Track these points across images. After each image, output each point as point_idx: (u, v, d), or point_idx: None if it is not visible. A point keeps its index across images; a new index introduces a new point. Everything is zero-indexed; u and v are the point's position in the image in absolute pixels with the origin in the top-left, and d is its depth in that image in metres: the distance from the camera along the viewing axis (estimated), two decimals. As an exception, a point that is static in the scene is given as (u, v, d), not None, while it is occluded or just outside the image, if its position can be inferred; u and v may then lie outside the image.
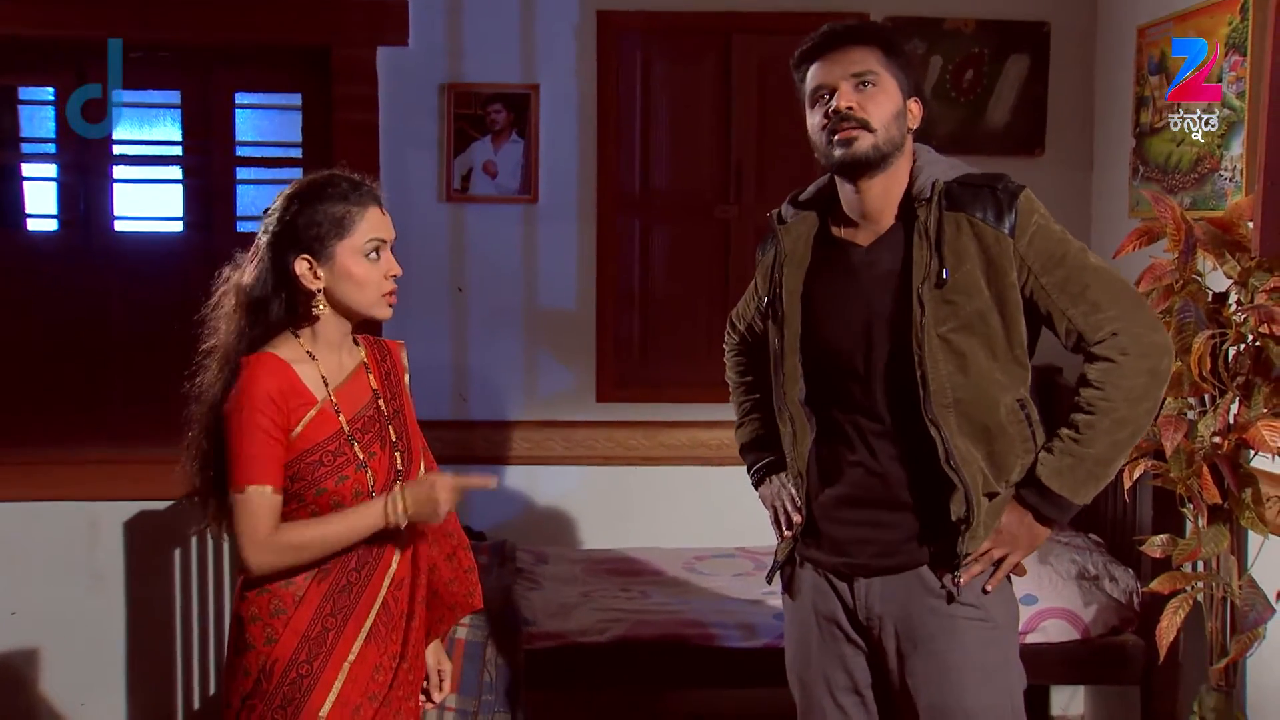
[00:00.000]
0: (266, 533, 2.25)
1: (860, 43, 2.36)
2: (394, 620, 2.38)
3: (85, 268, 4.59)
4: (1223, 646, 3.22)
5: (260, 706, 2.28)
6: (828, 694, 2.48)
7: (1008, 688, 2.39)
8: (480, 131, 4.47)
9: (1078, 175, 4.51)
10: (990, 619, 2.38)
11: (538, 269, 4.57)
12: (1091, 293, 2.30)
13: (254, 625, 2.30)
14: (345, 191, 2.32)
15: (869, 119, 2.33)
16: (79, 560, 4.43)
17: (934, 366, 2.30)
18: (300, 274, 2.30)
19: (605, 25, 4.47)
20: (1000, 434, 2.33)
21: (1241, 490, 3.11)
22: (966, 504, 2.31)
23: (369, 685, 2.33)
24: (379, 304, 2.34)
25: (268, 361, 2.28)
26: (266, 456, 2.24)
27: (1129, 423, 2.30)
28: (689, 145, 4.62)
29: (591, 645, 3.59)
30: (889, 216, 2.40)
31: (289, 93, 4.65)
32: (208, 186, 4.62)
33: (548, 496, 4.59)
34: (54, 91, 4.58)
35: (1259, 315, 2.97)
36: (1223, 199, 3.58)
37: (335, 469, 2.30)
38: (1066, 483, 2.31)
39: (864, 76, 2.34)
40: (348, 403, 2.36)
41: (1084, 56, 4.52)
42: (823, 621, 2.48)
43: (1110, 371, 2.29)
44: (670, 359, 4.67)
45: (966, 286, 2.30)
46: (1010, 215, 2.30)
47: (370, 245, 2.32)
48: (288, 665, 2.28)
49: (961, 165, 2.42)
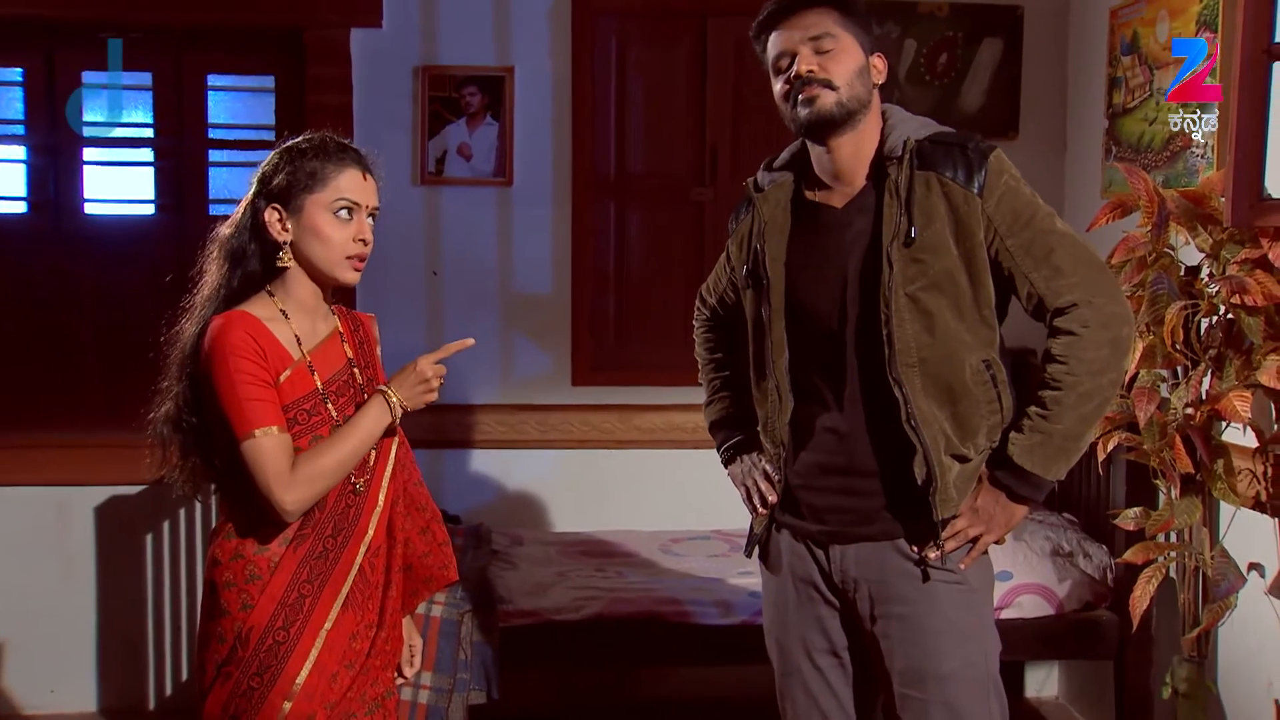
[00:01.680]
0: (288, 470, 2.23)
1: (815, 4, 2.35)
2: (370, 588, 2.36)
3: (55, 251, 4.54)
4: (1195, 617, 3.24)
5: (236, 674, 2.25)
6: (805, 656, 2.48)
7: (983, 651, 2.39)
8: (455, 114, 4.46)
9: (1052, 157, 4.53)
10: (965, 582, 2.38)
11: (513, 252, 4.55)
12: (1055, 257, 2.31)
13: (229, 591, 2.28)
14: (329, 150, 2.33)
15: (831, 78, 2.33)
16: (49, 546, 4.40)
17: (900, 325, 2.30)
18: (269, 222, 2.31)
19: (580, 8, 4.46)
20: (965, 394, 2.33)
21: (1214, 461, 3.14)
22: (927, 465, 2.31)
23: (346, 653, 2.31)
24: (342, 265, 2.33)
25: (242, 318, 2.27)
26: (264, 399, 2.23)
27: (1094, 395, 2.30)
28: (664, 128, 4.62)
29: (567, 623, 3.58)
30: (861, 177, 2.40)
31: (262, 75, 4.62)
32: (180, 169, 4.59)
33: (522, 480, 4.57)
34: (22, 73, 4.54)
35: (1230, 286, 2.99)
36: (1195, 176, 3.60)
37: (310, 428, 2.29)
38: (1038, 460, 2.31)
39: (821, 39, 2.33)
40: (323, 364, 2.35)
41: (1057, 39, 4.55)
42: (799, 584, 2.48)
43: (1073, 345, 2.29)
44: (645, 342, 4.66)
45: (935, 245, 2.30)
46: (980, 175, 2.30)
47: (340, 204, 2.31)
48: (264, 632, 2.25)
49: (932, 124, 2.42)
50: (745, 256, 2.52)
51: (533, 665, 3.65)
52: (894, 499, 2.37)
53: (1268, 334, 3.03)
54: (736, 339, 2.73)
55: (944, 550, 2.35)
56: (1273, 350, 3.02)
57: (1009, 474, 2.33)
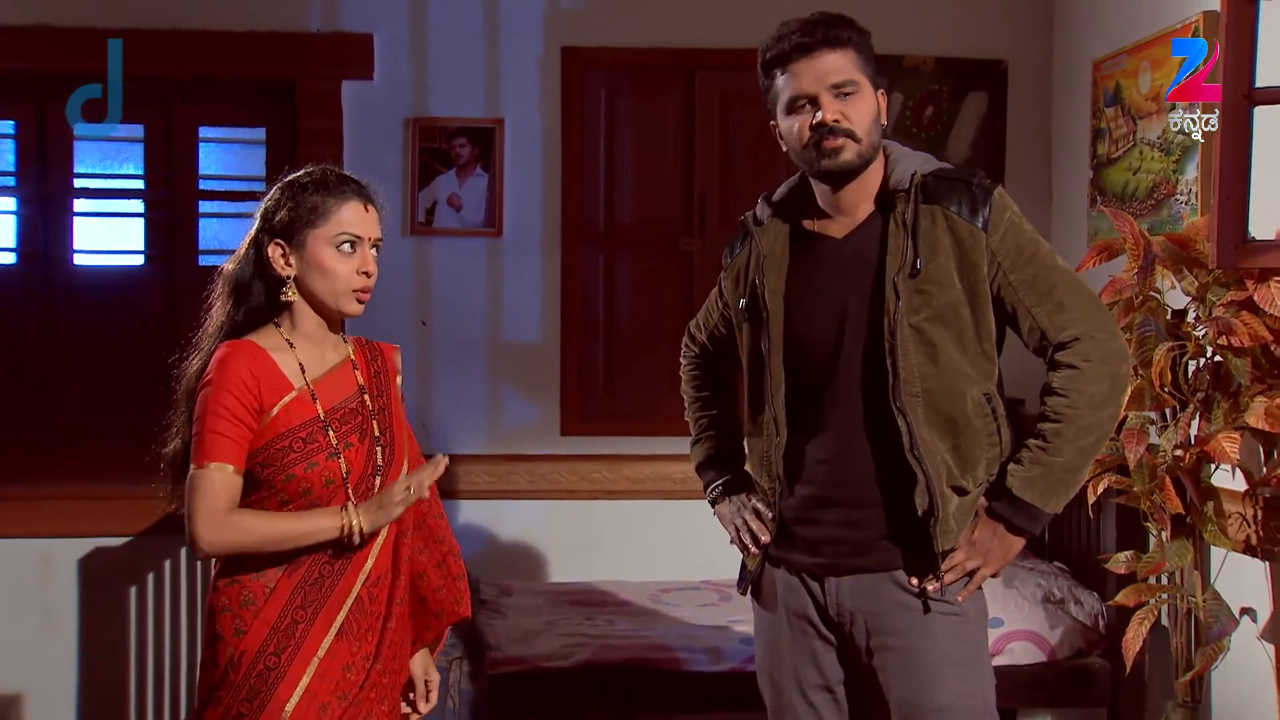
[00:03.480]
0: (223, 511, 2.23)
1: (834, 47, 2.35)
2: (370, 620, 2.34)
3: (43, 302, 4.54)
4: (1188, 661, 3.22)
5: (226, 699, 2.24)
6: (798, 691, 2.45)
7: (981, 683, 2.38)
8: (445, 165, 4.49)
9: (1038, 208, 4.56)
10: (962, 614, 2.37)
11: (502, 302, 4.57)
12: (1058, 293, 2.33)
13: (224, 616, 2.28)
14: (331, 184, 2.35)
15: (854, 129, 2.34)
16: (30, 598, 4.35)
17: (905, 355, 2.31)
18: (272, 258, 2.33)
19: (570, 61, 4.51)
20: (966, 427, 2.34)
21: (1204, 503, 3.13)
22: (929, 496, 2.31)
23: (340, 684, 2.28)
24: (346, 297, 2.34)
25: (244, 346, 2.29)
26: (232, 437, 2.24)
27: (1094, 429, 2.32)
28: (653, 179, 4.66)
29: (556, 670, 3.55)
30: (864, 209, 2.41)
31: (253, 127, 4.65)
32: (170, 220, 4.60)
33: (512, 530, 4.55)
34: (14, 125, 4.56)
35: (1217, 327, 3.00)
36: (1179, 223, 3.63)
37: (306, 455, 2.28)
38: (1037, 491, 2.31)
39: (844, 87, 2.34)
40: (327, 393, 2.35)
41: (1041, 92, 4.61)
42: (793, 618, 2.46)
43: (1074, 378, 2.30)
44: (635, 392, 4.66)
45: (939, 278, 2.32)
46: (984, 210, 2.32)
47: (342, 238, 2.32)
48: (255, 657, 2.24)
49: (934, 159, 2.45)
50: (743, 290, 2.52)
51: (521, 713, 3.60)
52: (893, 530, 2.36)
53: (1255, 375, 3.04)
54: (725, 376, 2.73)
55: (943, 583, 2.34)
56: (1260, 392, 3.03)
57: (1007, 506, 2.33)
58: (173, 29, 4.37)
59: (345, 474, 2.30)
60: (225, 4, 4.41)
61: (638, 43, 4.53)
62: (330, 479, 2.29)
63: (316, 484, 2.28)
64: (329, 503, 2.30)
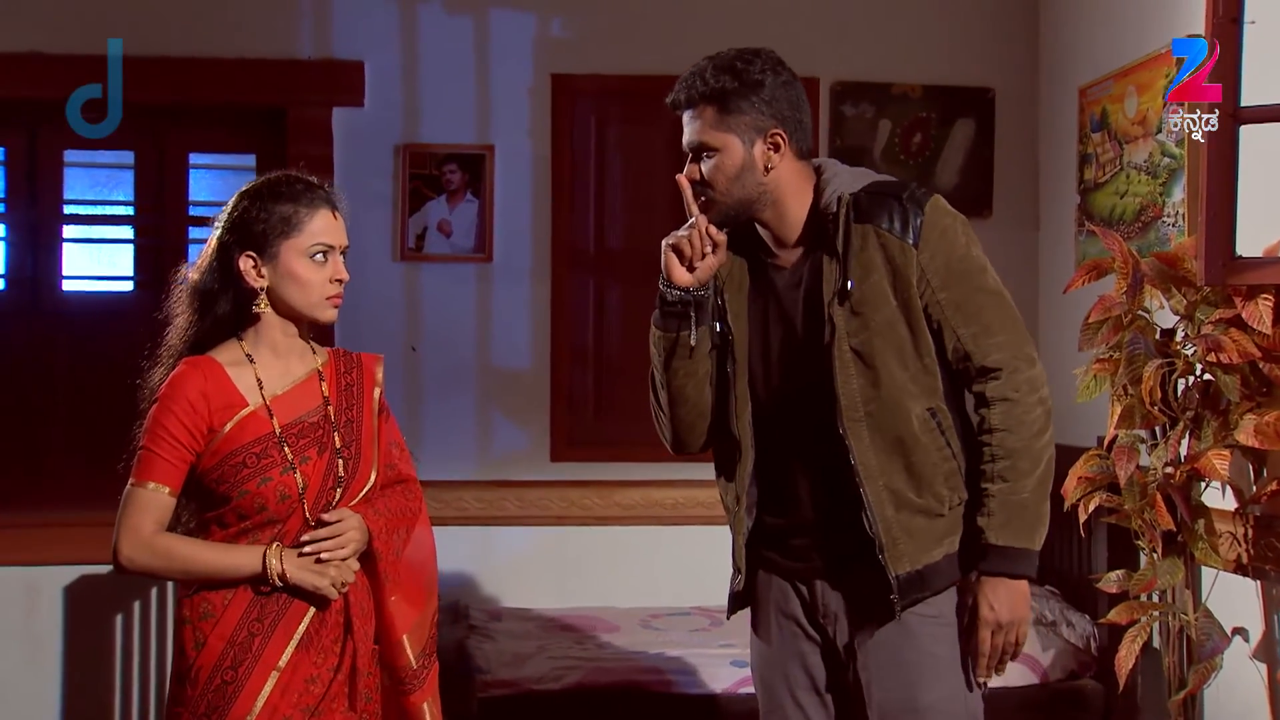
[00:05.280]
0: (149, 531, 2.24)
1: (691, 108, 2.37)
2: (333, 630, 2.31)
3: (31, 327, 4.53)
4: (1181, 679, 3.21)
5: (185, 714, 2.23)
6: (788, 693, 2.45)
7: (961, 683, 2.37)
8: (435, 191, 4.50)
9: (1025, 234, 4.60)
10: (941, 615, 2.36)
11: (492, 328, 4.57)
12: (985, 316, 2.33)
13: (185, 628, 2.27)
14: (298, 192, 2.34)
15: (712, 189, 2.35)
16: (15, 626, 4.30)
17: (845, 380, 2.31)
18: (244, 271, 2.31)
19: (560, 88, 4.54)
20: (915, 445, 2.33)
21: (1195, 521, 3.13)
22: (868, 521, 2.30)
23: (303, 696, 2.26)
24: (321, 306, 2.34)
25: (200, 363, 2.29)
26: (169, 459, 2.25)
27: (1042, 455, 2.32)
28: (642, 205, 4.67)
29: (547, 693, 3.53)
30: (799, 237, 2.40)
31: (244, 153, 4.67)
32: (160, 246, 4.60)
33: (501, 557, 4.53)
34: (3, 151, 4.56)
35: (1206, 344, 3.01)
36: (1167, 245, 3.65)
37: (259, 470, 2.27)
38: (1019, 533, 2.31)
39: (700, 150, 2.36)
40: (286, 407, 2.33)
41: (1028, 119, 4.64)
42: (782, 619, 2.46)
43: (1011, 412, 2.31)
44: (624, 418, 4.63)
45: (873, 298, 2.31)
46: (915, 223, 2.31)
47: (316, 248, 2.32)
48: (212, 671, 2.23)
49: (869, 174, 2.42)
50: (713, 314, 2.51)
51: (511, 737, 3.58)
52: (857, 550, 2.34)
53: (1244, 393, 3.04)
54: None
55: (988, 678, 2.36)
56: (1250, 409, 3.03)
57: (997, 559, 2.32)
58: (164, 56, 4.38)
59: (302, 488, 2.29)
60: (217, 31, 4.43)
61: (627, 70, 4.56)
62: (285, 494, 2.28)
63: (271, 499, 2.27)
64: (286, 518, 2.29)
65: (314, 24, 4.51)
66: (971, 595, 2.34)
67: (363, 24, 4.50)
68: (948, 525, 2.36)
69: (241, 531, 2.29)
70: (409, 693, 2.40)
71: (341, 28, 4.50)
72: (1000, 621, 2.32)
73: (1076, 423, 3.72)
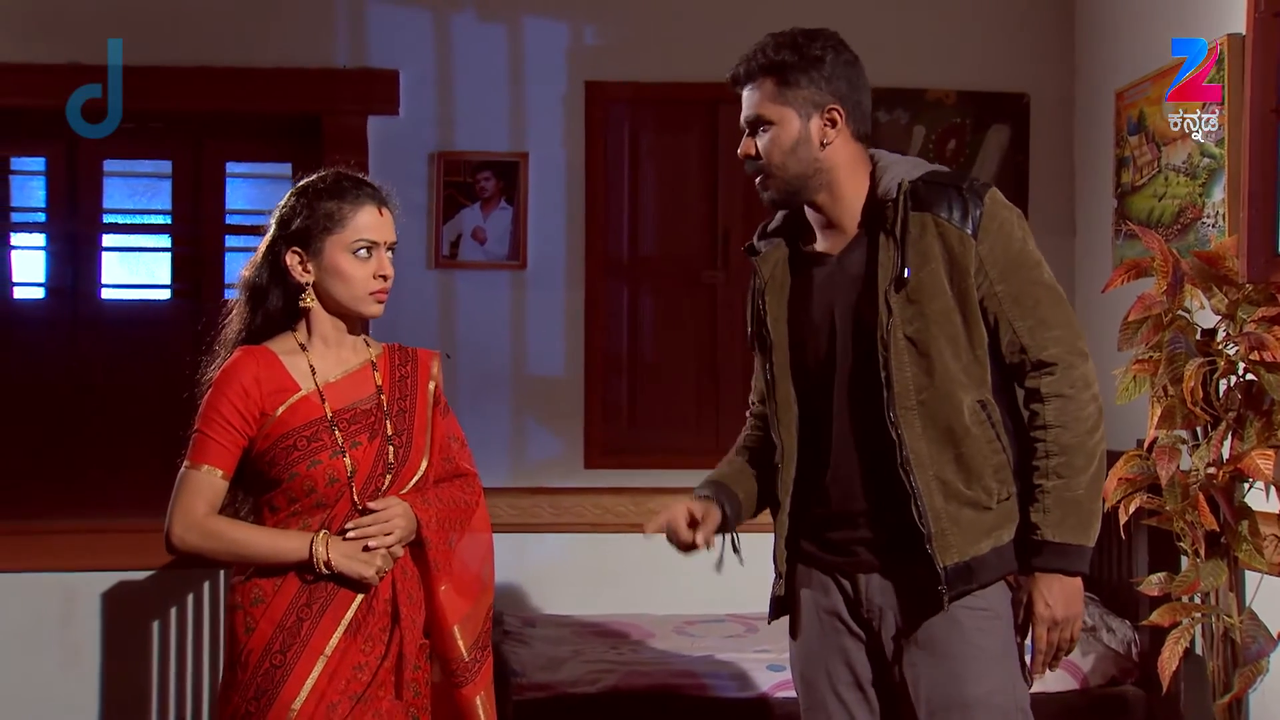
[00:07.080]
0: (201, 513, 2.29)
1: (750, 82, 2.36)
2: (380, 619, 2.34)
3: (70, 336, 4.58)
4: (1226, 683, 3.16)
5: (235, 698, 2.26)
6: (830, 689, 2.42)
7: (1011, 678, 2.34)
8: (469, 199, 4.52)
9: (1061, 240, 4.57)
10: (990, 608, 2.34)
11: (526, 335, 4.58)
12: (1042, 309, 2.32)
13: (236, 613, 2.31)
14: (344, 189, 2.38)
15: (767, 165, 2.35)
16: (53, 633, 4.33)
17: (899, 367, 2.29)
18: (290, 266, 2.37)
19: (593, 95, 4.55)
20: (966, 436, 2.31)
21: (1238, 522, 3.09)
22: (918, 511, 2.28)
23: (350, 683, 2.28)
24: (365, 301, 2.39)
25: (254, 351, 2.35)
26: (222, 442, 2.30)
27: (1096, 451, 2.32)
28: (676, 212, 4.68)
29: (582, 696, 3.52)
30: (853, 223, 2.38)
31: (280, 162, 4.70)
32: (197, 255, 4.63)
33: (535, 564, 4.52)
34: (44, 161, 4.62)
35: (1249, 342, 2.98)
36: (1207, 245, 3.61)
37: (309, 453, 2.31)
38: (1074, 530, 2.30)
39: (756, 124, 2.36)
40: (338, 394, 2.38)
41: (1063, 124, 4.62)
42: (825, 615, 2.44)
43: (1067, 407, 2.30)
44: (658, 425, 4.66)
45: (930, 287, 2.30)
46: (975, 214, 2.29)
47: (359, 244, 2.36)
48: (262, 655, 2.26)
49: (924, 164, 2.41)
50: (750, 318, 2.52)
51: (546, 741, 3.56)
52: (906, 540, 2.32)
53: (1288, 392, 3.00)
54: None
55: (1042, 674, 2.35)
56: (1293, 408, 2.99)
57: (1051, 555, 2.30)
58: (201, 65, 4.42)
59: (351, 472, 2.32)
60: (253, 41, 4.47)
61: (661, 77, 4.57)
62: (334, 477, 2.32)
63: (320, 482, 2.31)
64: (334, 502, 2.32)
65: (349, 34, 4.55)
66: (1025, 592, 2.32)
67: (398, 33, 4.53)
68: (995, 519, 2.33)
69: (292, 515, 2.32)
70: (461, 685, 2.42)
71: (376, 37, 4.53)
72: (1056, 618, 2.30)
73: (1115, 424, 3.63)
